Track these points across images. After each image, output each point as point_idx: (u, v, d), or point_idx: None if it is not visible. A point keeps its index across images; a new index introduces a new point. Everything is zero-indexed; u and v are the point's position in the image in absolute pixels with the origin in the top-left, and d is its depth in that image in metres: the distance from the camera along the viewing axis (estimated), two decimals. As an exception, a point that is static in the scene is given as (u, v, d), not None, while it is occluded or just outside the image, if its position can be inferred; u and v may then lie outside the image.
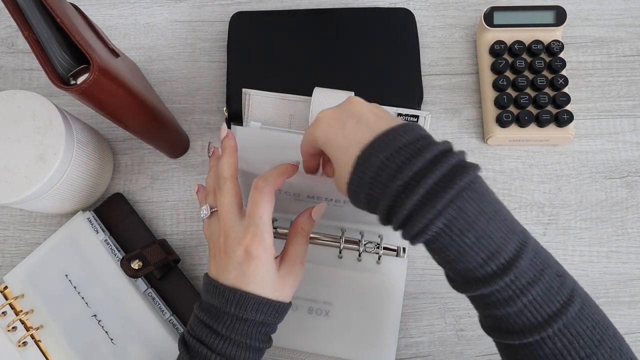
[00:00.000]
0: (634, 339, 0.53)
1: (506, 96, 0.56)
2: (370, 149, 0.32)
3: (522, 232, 0.32)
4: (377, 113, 0.35)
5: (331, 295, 0.52)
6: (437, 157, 0.31)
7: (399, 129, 0.32)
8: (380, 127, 0.33)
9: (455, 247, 0.30)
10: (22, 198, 0.46)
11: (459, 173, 0.30)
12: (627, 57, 0.61)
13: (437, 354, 0.53)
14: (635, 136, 0.59)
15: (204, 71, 0.62)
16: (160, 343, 0.50)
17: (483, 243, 0.30)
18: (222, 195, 0.40)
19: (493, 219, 0.30)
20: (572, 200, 0.57)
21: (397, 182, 0.30)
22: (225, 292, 0.37)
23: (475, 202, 0.30)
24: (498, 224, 0.30)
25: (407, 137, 0.32)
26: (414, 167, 0.30)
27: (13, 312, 0.52)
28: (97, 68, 0.37)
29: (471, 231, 0.30)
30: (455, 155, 0.31)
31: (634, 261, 0.55)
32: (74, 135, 0.49)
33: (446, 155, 0.31)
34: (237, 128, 0.51)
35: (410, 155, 0.31)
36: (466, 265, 0.31)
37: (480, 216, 0.30)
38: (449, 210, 0.30)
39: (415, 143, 0.31)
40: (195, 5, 0.64)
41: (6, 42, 0.63)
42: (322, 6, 0.63)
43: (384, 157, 0.31)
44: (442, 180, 0.30)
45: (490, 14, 0.58)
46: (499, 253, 0.30)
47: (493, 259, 0.30)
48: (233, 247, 0.38)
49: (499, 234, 0.30)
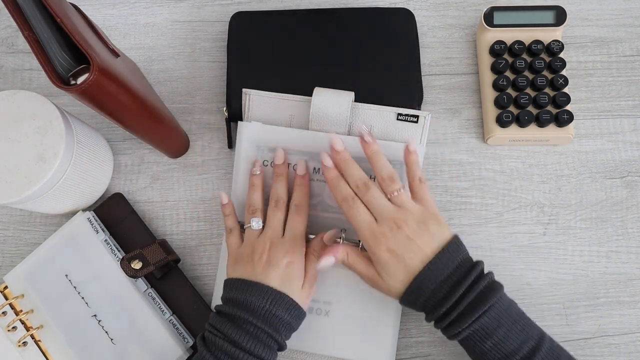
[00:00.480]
0: (633, 339, 0.53)
1: (506, 96, 0.56)
2: (421, 278, 0.42)
3: (538, 337, 0.42)
4: (423, 243, 0.43)
5: (331, 295, 0.52)
6: (471, 284, 0.42)
7: (442, 257, 0.43)
8: (428, 255, 0.43)
9: (478, 348, 0.42)
10: (22, 198, 0.46)
11: (485, 298, 0.41)
12: (627, 57, 0.61)
13: (437, 354, 0.53)
14: (635, 136, 0.59)
15: (204, 71, 0.62)
16: (160, 343, 0.50)
17: (499, 347, 0.41)
18: (300, 217, 0.49)
19: (510, 330, 0.41)
20: (572, 200, 0.57)
21: (443, 308, 0.42)
22: (263, 289, 0.44)
23: (495, 319, 0.41)
24: (514, 333, 0.41)
25: (450, 267, 0.42)
26: (456, 295, 0.41)
27: (13, 312, 0.52)
28: (97, 68, 0.37)
29: (490, 339, 0.41)
30: (483, 279, 0.42)
31: (634, 261, 0.55)
32: (74, 135, 0.49)
33: (478, 281, 0.42)
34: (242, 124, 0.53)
35: (453, 286, 0.42)
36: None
37: (499, 328, 0.41)
38: (474, 325, 0.41)
39: (455, 273, 0.42)
40: (195, 5, 0.64)
41: (6, 42, 0.63)
42: (322, 6, 0.63)
43: (433, 288, 0.42)
44: (474, 301, 0.41)
45: (490, 14, 0.58)
46: (514, 355, 0.41)
47: (509, 359, 0.41)
48: (278, 258, 0.46)
49: (514, 341, 0.41)
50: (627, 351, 0.53)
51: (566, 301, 0.54)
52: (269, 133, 0.53)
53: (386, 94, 0.55)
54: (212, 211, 0.57)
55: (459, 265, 0.43)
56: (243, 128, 0.53)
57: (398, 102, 0.55)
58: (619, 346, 0.53)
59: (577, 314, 0.54)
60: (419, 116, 0.52)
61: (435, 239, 0.43)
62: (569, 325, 0.54)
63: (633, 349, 0.53)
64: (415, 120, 0.52)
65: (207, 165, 0.59)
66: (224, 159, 0.59)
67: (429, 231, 0.43)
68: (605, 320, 0.54)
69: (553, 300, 0.54)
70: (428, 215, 0.44)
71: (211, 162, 0.59)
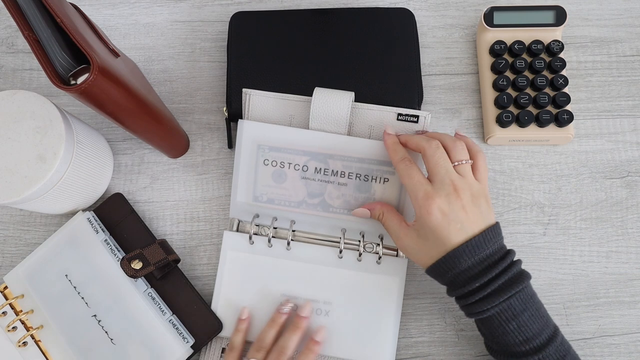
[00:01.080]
0: (633, 339, 0.53)
1: (506, 96, 0.56)
2: (461, 252, 0.43)
3: (554, 327, 0.44)
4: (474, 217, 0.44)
5: (331, 295, 0.52)
6: (505, 267, 0.43)
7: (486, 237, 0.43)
8: (474, 231, 0.43)
9: (501, 328, 0.43)
10: (22, 198, 0.46)
11: (516, 282, 0.42)
12: (627, 57, 0.61)
13: (437, 354, 0.53)
14: (635, 136, 0.59)
15: (204, 71, 0.62)
16: (160, 343, 0.50)
17: (522, 330, 0.43)
18: None
19: (534, 315, 0.43)
20: (572, 200, 0.57)
21: (475, 284, 0.43)
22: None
23: (522, 302, 0.43)
24: (537, 319, 0.43)
25: (489, 249, 0.43)
26: (489, 276, 0.42)
27: (13, 312, 0.52)
28: (97, 68, 0.37)
29: (515, 320, 0.43)
30: (515, 265, 0.43)
31: (634, 261, 0.55)
32: (74, 135, 0.49)
33: (510, 267, 0.43)
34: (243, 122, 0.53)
35: (488, 266, 0.43)
36: (507, 341, 0.43)
37: (525, 312, 0.43)
38: (503, 304, 0.42)
39: (493, 255, 0.43)
40: (195, 5, 0.64)
41: (6, 42, 0.63)
42: (322, 6, 0.63)
43: (469, 264, 0.43)
44: (504, 284, 0.42)
45: (490, 14, 0.58)
46: (533, 339, 0.43)
47: (528, 342, 0.43)
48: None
49: (535, 325, 0.43)
50: (627, 351, 0.53)
51: (566, 301, 0.54)
52: (269, 132, 0.53)
53: (386, 94, 0.55)
54: (212, 211, 0.57)
55: (497, 250, 0.44)
56: (243, 126, 0.53)
57: (398, 102, 0.55)
58: (619, 346, 0.53)
59: (577, 314, 0.54)
60: (419, 116, 0.52)
61: (483, 218, 0.44)
62: (569, 325, 0.54)
63: (633, 349, 0.53)
64: (415, 120, 0.52)
65: (207, 165, 0.59)
66: (224, 159, 0.59)
67: (479, 209, 0.44)
68: (605, 320, 0.54)
69: (553, 300, 0.54)
70: (483, 193, 0.45)
71: (211, 162, 0.59)
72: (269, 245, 0.53)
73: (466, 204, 0.43)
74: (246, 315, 0.51)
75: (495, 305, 0.42)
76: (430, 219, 0.43)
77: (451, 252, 0.43)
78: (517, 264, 0.44)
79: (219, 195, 0.58)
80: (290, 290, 0.52)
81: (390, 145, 0.49)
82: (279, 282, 0.52)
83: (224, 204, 0.57)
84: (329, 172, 0.52)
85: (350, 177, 0.52)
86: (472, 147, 0.47)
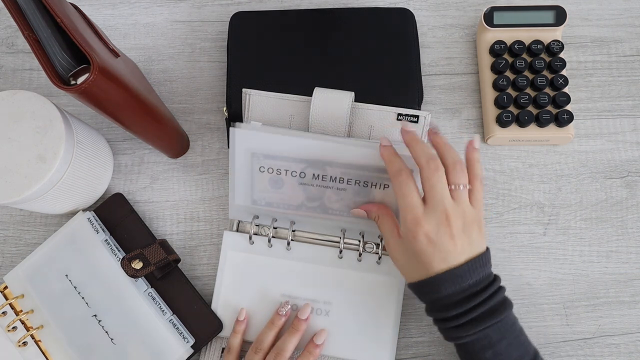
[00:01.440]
0: (633, 339, 0.53)
1: (506, 96, 0.56)
2: (443, 280, 0.42)
3: (534, 352, 0.44)
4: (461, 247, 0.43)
5: (331, 295, 0.52)
6: (487, 297, 0.42)
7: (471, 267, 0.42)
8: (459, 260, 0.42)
9: (477, 355, 0.43)
10: (22, 198, 0.46)
11: (495, 312, 0.42)
12: (627, 57, 0.61)
13: (437, 354, 0.53)
14: (635, 136, 0.59)
15: (204, 71, 0.62)
16: (160, 343, 0.50)
17: (499, 358, 0.43)
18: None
19: (512, 344, 0.43)
20: (572, 200, 0.57)
21: (454, 312, 0.42)
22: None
23: (500, 332, 0.42)
24: (515, 347, 0.43)
25: (473, 278, 0.42)
26: (469, 305, 0.42)
27: (13, 312, 0.52)
28: (97, 68, 0.37)
29: (491, 349, 0.43)
30: (498, 295, 0.43)
31: (634, 261, 0.55)
32: (74, 135, 0.49)
33: (492, 297, 0.43)
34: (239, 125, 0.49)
35: (469, 295, 0.43)
36: None
37: (502, 340, 0.42)
38: (479, 334, 0.42)
39: (476, 285, 0.43)
40: (195, 5, 0.64)
41: (6, 42, 0.63)
42: (322, 6, 0.63)
43: (450, 291, 0.42)
44: (484, 314, 0.42)
45: (490, 14, 0.58)
46: None
47: None
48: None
49: (514, 354, 0.43)
50: (627, 351, 0.53)
51: (566, 301, 0.54)
52: (262, 142, 0.49)
53: (386, 94, 0.55)
54: (212, 211, 0.57)
55: (481, 279, 0.43)
56: (235, 136, 0.48)
57: (398, 102, 0.55)
58: (619, 346, 0.53)
59: (577, 314, 0.54)
60: (419, 116, 0.52)
61: (472, 247, 0.43)
62: (569, 325, 0.54)
63: (633, 349, 0.53)
64: (415, 121, 0.52)
65: (207, 165, 0.59)
66: (224, 159, 0.59)
67: (470, 237, 0.43)
68: (605, 320, 0.54)
69: (553, 300, 0.54)
70: (476, 220, 0.44)
71: (211, 162, 0.59)
72: (269, 245, 0.53)
73: (456, 232, 0.42)
74: (244, 317, 0.51)
75: (472, 334, 0.42)
76: (416, 244, 0.42)
77: (432, 278, 0.42)
78: (500, 293, 0.43)
79: (219, 195, 0.58)
80: (290, 290, 0.52)
81: (386, 158, 0.46)
82: (279, 282, 0.52)
83: (224, 204, 0.57)
84: (327, 178, 0.50)
85: (349, 182, 0.50)
86: (472, 169, 0.45)
